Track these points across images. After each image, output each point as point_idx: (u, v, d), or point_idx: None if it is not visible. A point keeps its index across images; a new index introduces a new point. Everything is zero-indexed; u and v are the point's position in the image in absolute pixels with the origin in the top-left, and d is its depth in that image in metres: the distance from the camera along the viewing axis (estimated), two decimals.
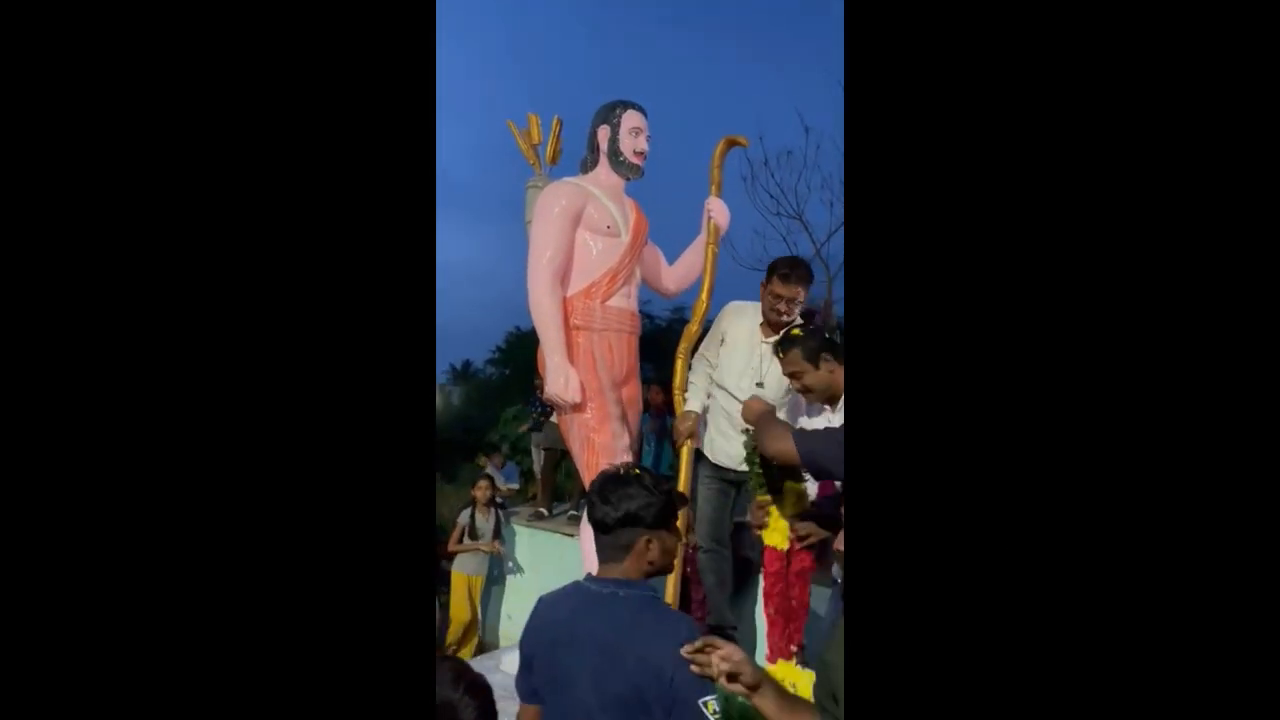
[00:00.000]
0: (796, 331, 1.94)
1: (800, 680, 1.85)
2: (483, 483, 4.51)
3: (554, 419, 2.78)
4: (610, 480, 1.17)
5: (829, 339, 1.90)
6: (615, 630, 1.08)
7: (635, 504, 1.13)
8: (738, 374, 2.28)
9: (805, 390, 1.91)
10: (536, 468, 5.29)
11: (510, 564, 4.74)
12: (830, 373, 1.84)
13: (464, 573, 4.46)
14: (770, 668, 1.91)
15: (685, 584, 2.30)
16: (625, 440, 2.18)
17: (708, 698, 1.01)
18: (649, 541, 1.15)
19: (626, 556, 1.15)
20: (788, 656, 1.96)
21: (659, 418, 4.36)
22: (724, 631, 2.34)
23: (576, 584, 1.21)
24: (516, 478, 6.15)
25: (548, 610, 1.20)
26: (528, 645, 1.19)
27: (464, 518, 4.47)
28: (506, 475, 5.82)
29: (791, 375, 1.91)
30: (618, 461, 2.11)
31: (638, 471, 1.19)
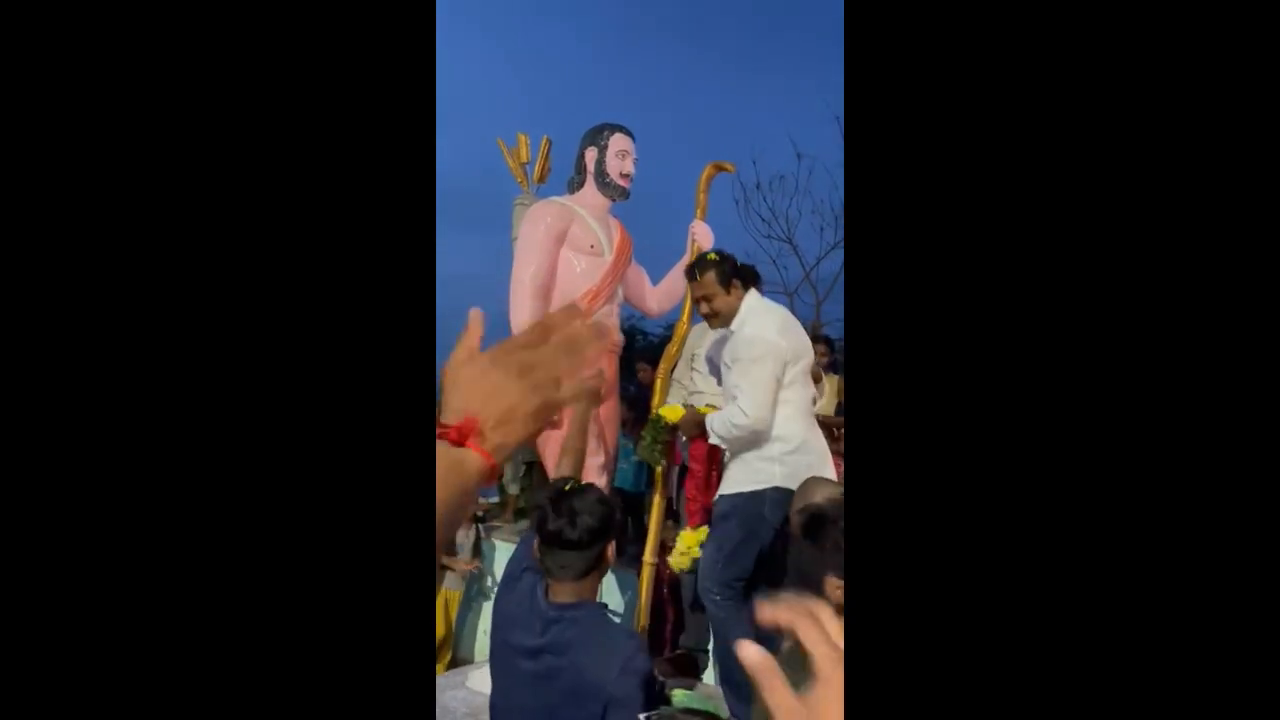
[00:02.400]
0: (712, 256, 2.01)
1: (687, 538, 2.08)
2: None
3: None
4: (568, 495, 1.16)
5: (741, 266, 2.00)
6: (565, 652, 1.10)
7: (600, 511, 1.14)
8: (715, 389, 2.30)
9: (712, 314, 2.00)
10: (513, 482, 5.26)
11: (490, 580, 4.70)
12: (737, 298, 1.95)
13: (441, 587, 4.42)
14: (689, 533, 2.10)
15: (658, 604, 2.29)
16: (601, 458, 2.19)
17: (644, 714, 1.03)
18: (610, 548, 1.16)
19: (591, 572, 1.16)
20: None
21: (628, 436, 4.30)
22: (695, 654, 2.34)
23: (533, 591, 1.19)
24: (496, 492, 6.11)
25: (505, 596, 1.23)
26: (493, 618, 1.23)
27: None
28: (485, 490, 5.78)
29: (701, 299, 1.99)
30: (595, 480, 2.12)
31: (582, 484, 1.20)
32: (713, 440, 1.97)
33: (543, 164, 2.49)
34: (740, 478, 1.93)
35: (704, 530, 2.06)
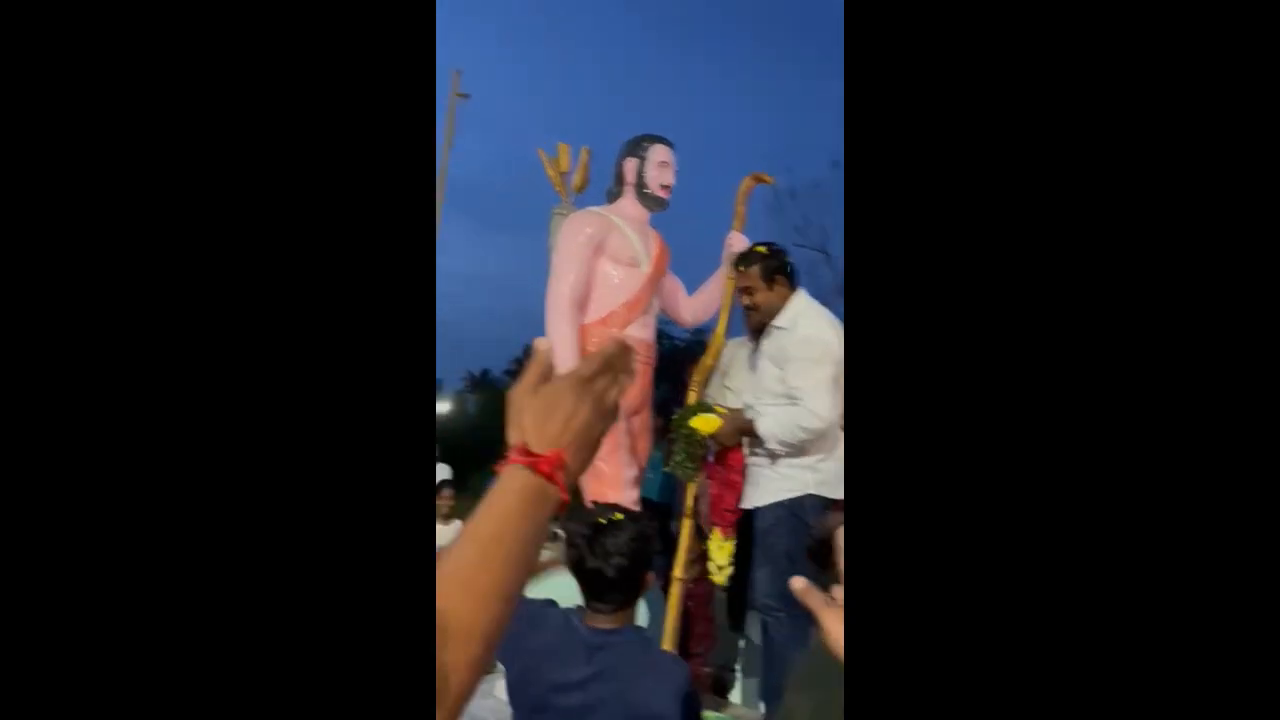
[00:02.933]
0: (761, 248, 2.02)
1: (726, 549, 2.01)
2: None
3: None
4: (604, 531, 1.13)
5: (788, 264, 1.99)
6: (613, 679, 1.07)
7: (638, 548, 1.11)
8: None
9: (752, 308, 2.01)
10: None
11: None
12: (781, 297, 1.95)
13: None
14: (720, 540, 2.04)
15: (686, 619, 2.27)
16: (634, 471, 2.18)
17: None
18: (645, 577, 1.14)
19: (631, 601, 1.14)
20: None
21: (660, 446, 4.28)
22: (722, 673, 2.31)
23: (567, 618, 1.16)
24: None
25: (531, 632, 1.15)
26: (510, 660, 1.15)
27: None
28: None
29: (744, 289, 2.00)
30: (624, 493, 2.11)
31: (619, 515, 1.17)
32: (771, 446, 1.91)
33: (582, 174, 2.50)
34: (775, 488, 1.90)
35: (733, 541, 2.03)
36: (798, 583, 0.48)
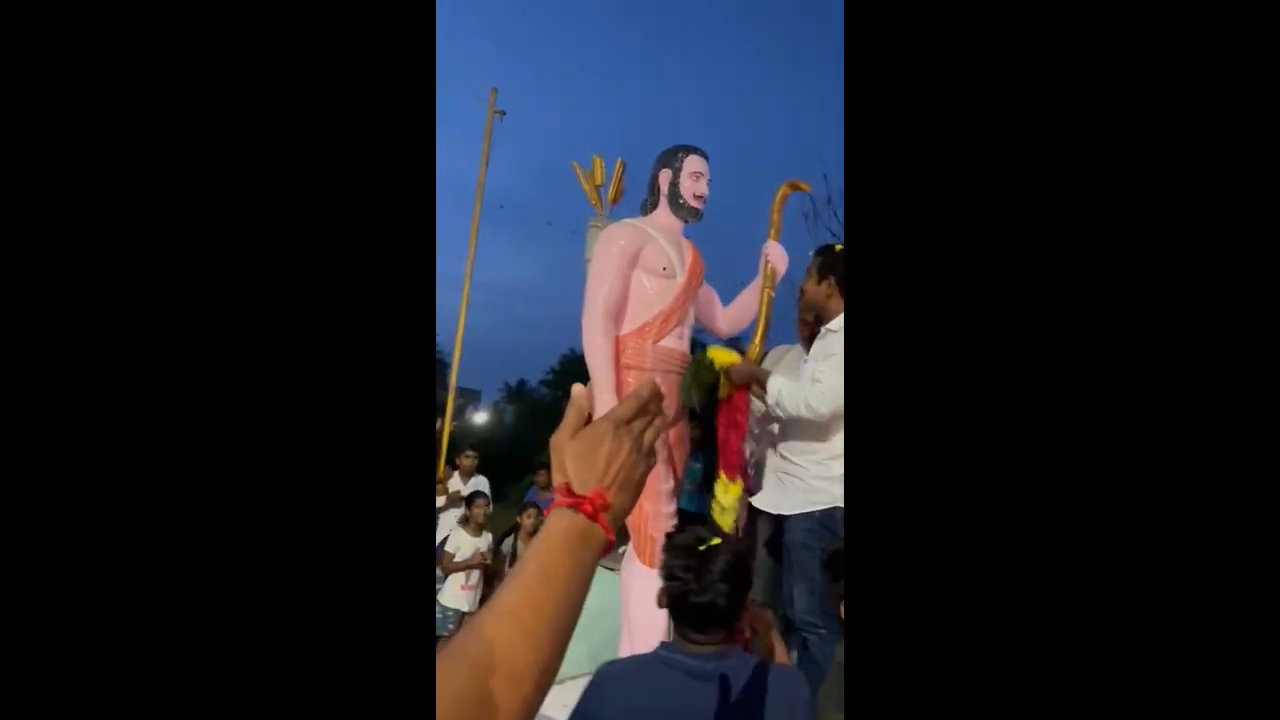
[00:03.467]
0: (838, 248, 2.09)
1: (732, 491, 2.06)
2: (530, 511, 4.50)
3: None
4: (703, 558, 1.03)
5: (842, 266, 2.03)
6: (729, 711, 0.96)
7: (741, 571, 1.03)
8: None
9: (800, 294, 2.12)
10: None
11: None
12: (826, 295, 2.03)
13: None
14: (725, 483, 2.09)
15: None
16: (670, 484, 2.16)
17: None
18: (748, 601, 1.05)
19: (733, 628, 1.04)
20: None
21: (694, 457, 4.26)
22: None
23: (659, 658, 1.04)
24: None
25: (622, 690, 1.02)
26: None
27: (506, 546, 4.47)
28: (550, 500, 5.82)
29: (802, 285, 2.11)
30: (662, 505, 2.09)
31: (716, 540, 1.07)
32: (770, 403, 1.96)
33: (616, 186, 2.51)
34: (804, 499, 1.89)
35: (739, 484, 2.10)
36: None
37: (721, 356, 2.13)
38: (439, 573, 3.84)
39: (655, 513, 2.11)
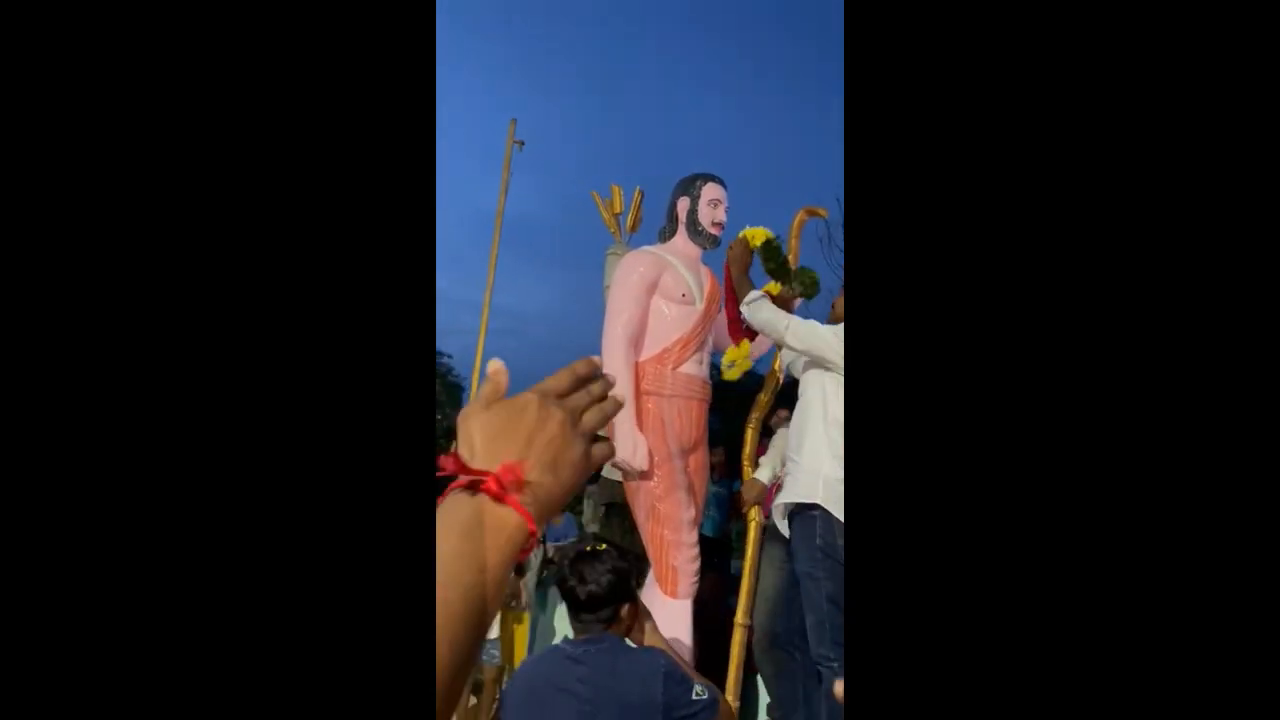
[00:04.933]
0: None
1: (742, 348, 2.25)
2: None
3: (604, 474, 2.76)
4: (585, 558, 1.29)
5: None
6: (593, 684, 1.19)
7: (616, 578, 1.27)
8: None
9: (832, 310, 2.16)
10: (592, 522, 5.23)
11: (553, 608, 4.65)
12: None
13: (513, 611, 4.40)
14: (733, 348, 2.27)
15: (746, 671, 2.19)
16: (692, 512, 2.14)
17: (696, 686, 1.20)
18: (631, 608, 1.29)
19: (609, 628, 1.27)
20: None
21: (719, 483, 4.23)
22: None
23: (554, 647, 1.33)
24: (575, 528, 6.09)
25: (525, 674, 1.34)
26: (507, 709, 1.29)
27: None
28: (565, 527, 5.77)
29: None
30: (683, 535, 2.07)
31: (604, 546, 1.34)
32: (743, 308, 2.06)
33: (635, 214, 2.53)
34: (789, 491, 1.86)
35: (746, 344, 2.22)
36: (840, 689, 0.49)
37: (756, 236, 2.21)
38: None
39: (676, 541, 2.08)
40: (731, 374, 2.27)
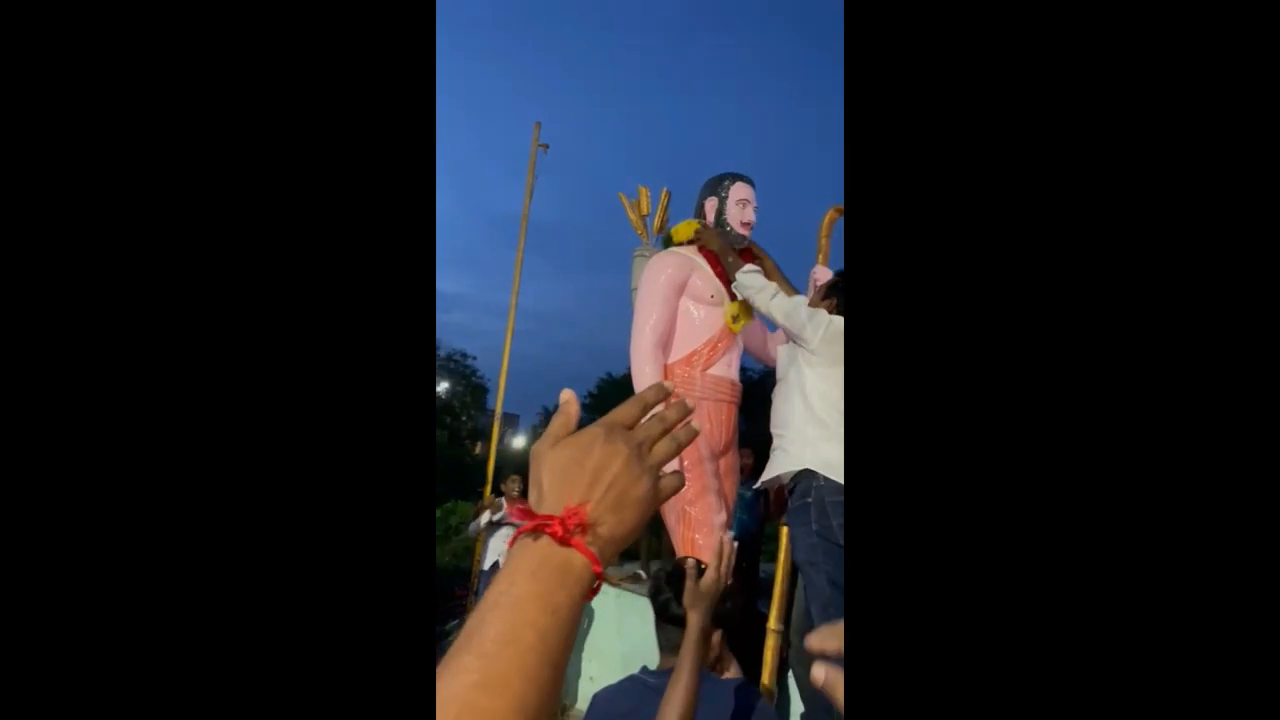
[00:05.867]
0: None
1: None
2: (490, 498, 4.42)
3: None
4: (681, 575, 1.20)
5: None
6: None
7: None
8: None
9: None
10: None
11: (587, 622, 4.65)
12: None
13: None
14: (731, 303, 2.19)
15: (783, 671, 2.15)
16: (723, 516, 2.11)
17: None
18: (720, 637, 1.19)
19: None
20: None
21: (745, 485, 4.19)
22: None
23: (633, 677, 1.23)
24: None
25: (606, 705, 1.21)
26: None
27: (473, 529, 4.43)
28: None
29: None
30: (715, 536, 2.05)
31: (705, 565, 1.24)
32: (749, 272, 2.01)
33: (662, 215, 2.51)
34: (779, 463, 1.80)
35: (738, 302, 2.16)
36: (819, 673, 0.41)
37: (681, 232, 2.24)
38: None
39: (709, 547, 2.06)
40: (735, 326, 2.24)
